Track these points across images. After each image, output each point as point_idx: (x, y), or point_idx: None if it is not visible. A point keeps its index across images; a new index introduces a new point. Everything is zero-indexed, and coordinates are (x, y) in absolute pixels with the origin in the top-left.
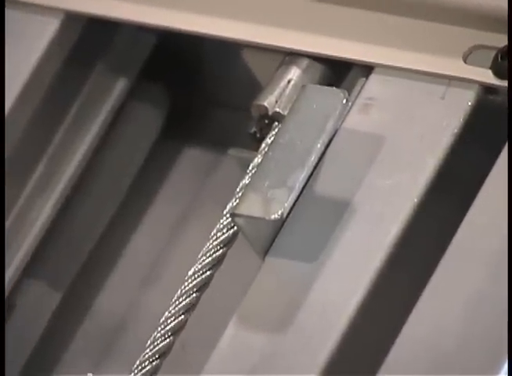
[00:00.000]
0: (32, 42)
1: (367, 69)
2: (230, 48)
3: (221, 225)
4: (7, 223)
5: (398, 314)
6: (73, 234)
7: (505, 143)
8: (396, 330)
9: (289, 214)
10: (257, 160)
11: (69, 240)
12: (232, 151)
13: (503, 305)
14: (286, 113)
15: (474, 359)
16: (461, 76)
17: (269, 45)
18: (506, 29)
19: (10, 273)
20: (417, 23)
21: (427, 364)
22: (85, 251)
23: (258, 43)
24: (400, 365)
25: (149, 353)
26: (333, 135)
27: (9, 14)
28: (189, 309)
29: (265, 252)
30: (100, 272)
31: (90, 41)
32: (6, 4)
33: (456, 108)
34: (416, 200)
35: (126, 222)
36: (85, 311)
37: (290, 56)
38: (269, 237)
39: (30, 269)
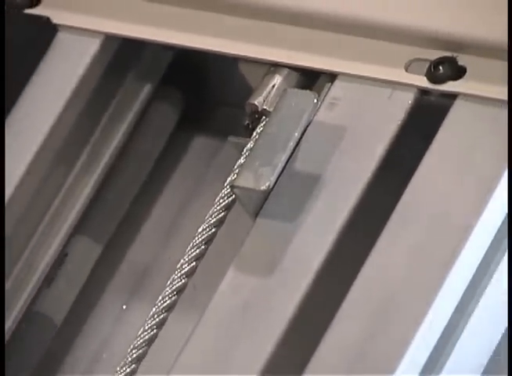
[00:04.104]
0: (78, 58)
1: (332, 76)
2: (229, 61)
3: (223, 194)
4: (61, 194)
5: (355, 262)
6: (111, 201)
7: (436, 133)
8: (354, 275)
9: (274, 186)
10: (250, 145)
11: (108, 206)
12: (231, 138)
13: (438, 255)
14: (271, 109)
15: (415, 296)
16: (403, 81)
17: (259, 58)
18: (436, 45)
19: (65, 230)
20: (370, 42)
21: (378, 302)
22: (121, 213)
23: (250, 57)
24: (357, 302)
25: (169, 291)
26: (307, 127)
27: (60, 35)
28: (199, 258)
29: (256, 215)
30: (132, 229)
31: (123, 57)
32: (58, 28)
33: (400, 106)
34: (369, 175)
35: (151, 192)
36: (120, 259)
37: (274, 67)
38: (259, 203)
39: (79, 227)
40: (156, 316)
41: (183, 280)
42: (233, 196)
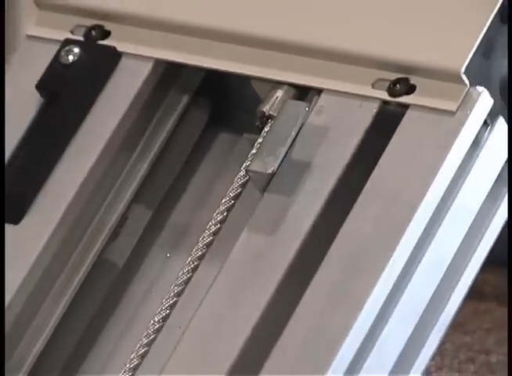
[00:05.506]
0: (136, 77)
1: (319, 91)
2: (245, 79)
3: (240, 176)
4: (123, 174)
5: (335, 226)
6: (160, 179)
7: (393, 133)
8: (334, 235)
9: (277, 170)
10: (259, 140)
11: (157, 182)
12: (246, 135)
13: (394, 221)
14: (275, 114)
15: (378, 251)
16: (370, 95)
17: (266, 77)
18: (394, 69)
19: (126, 199)
20: (347, 66)
21: (351, 254)
22: (166, 187)
23: (260, 76)
24: (335, 254)
25: (200, 245)
26: (301, 127)
27: (123, 60)
28: (222, 221)
29: (264, 190)
30: (174, 199)
31: (168, 76)
32: (122, 54)
33: (368, 113)
34: (346, 162)
35: (188, 173)
36: (166, 220)
37: (277, 83)
38: (266, 182)
39: (136, 197)
40: (191, 263)
41: (211, 237)
42: (247, 177)
